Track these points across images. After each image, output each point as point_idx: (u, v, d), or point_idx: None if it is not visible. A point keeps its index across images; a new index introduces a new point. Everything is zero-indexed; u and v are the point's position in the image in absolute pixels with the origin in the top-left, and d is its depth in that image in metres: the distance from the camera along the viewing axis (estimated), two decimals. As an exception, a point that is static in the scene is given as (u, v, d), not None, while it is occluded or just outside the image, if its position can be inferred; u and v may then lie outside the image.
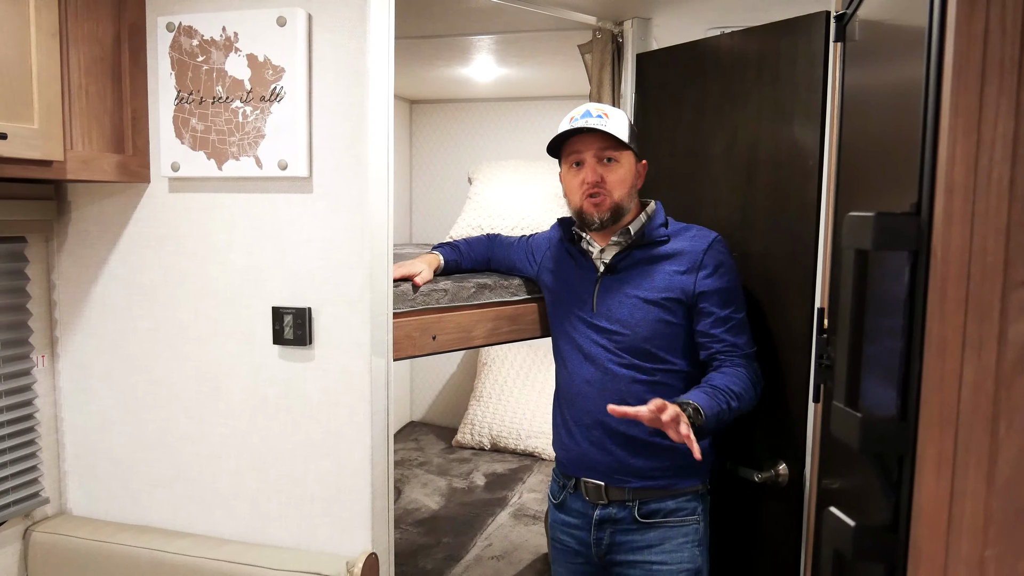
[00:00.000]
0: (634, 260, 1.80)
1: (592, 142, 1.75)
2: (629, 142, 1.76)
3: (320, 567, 1.68)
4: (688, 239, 1.79)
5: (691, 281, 1.75)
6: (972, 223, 0.60)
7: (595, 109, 1.77)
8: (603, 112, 1.76)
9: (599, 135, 1.74)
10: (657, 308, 1.75)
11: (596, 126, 1.72)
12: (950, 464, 0.62)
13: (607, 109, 1.78)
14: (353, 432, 1.72)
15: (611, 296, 1.79)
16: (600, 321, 1.80)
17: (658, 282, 1.76)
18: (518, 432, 3.52)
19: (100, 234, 1.86)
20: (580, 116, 1.76)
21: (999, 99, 0.59)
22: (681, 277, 1.76)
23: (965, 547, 0.62)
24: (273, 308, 1.73)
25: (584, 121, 1.74)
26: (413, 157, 3.88)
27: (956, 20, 0.59)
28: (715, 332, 1.74)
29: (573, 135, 1.77)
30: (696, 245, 1.78)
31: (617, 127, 1.74)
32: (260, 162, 1.69)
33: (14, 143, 1.44)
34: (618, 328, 1.77)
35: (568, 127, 1.76)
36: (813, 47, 1.75)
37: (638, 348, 1.76)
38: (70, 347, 1.91)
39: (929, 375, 0.63)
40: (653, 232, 1.80)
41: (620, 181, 1.77)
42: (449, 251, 2.07)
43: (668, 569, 1.76)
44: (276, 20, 1.64)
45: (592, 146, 1.75)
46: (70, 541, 1.84)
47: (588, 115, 1.76)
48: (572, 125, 1.76)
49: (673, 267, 1.77)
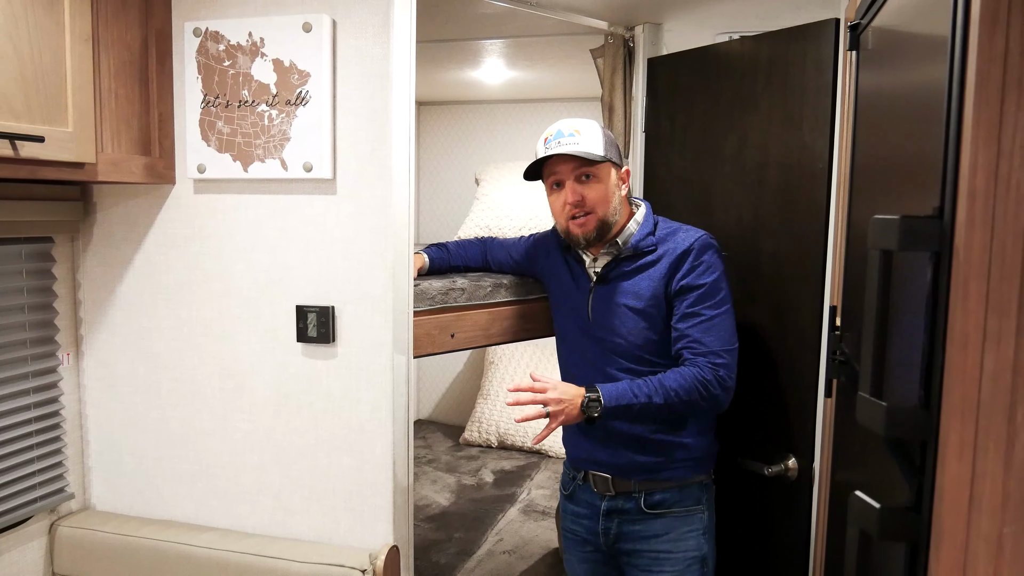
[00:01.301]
0: (622, 271, 1.83)
1: (568, 162, 1.77)
2: (605, 154, 1.76)
3: (343, 559, 1.72)
4: (673, 242, 1.80)
5: (671, 283, 1.77)
6: (992, 226, 0.66)
7: (567, 127, 1.78)
8: (575, 130, 1.77)
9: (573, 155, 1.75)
10: (644, 317, 1.78)
11: (568, 150, 1.74)
12: (971, 448, 0.67)
13: (579, 125, 1.79)
14: (375, 427, 1.76)
15: (604, 305, 1.83)
16: (596, 331, 1.84)
17: (643, 290, 1.79)
18: (525, 430, 3.56)
19: (125, 234, 1.90)
20: (553, 137, 1.78)
21: (1018, 112, 0.64)
22: (661, 281, 1.78)
23: (985, 525, 0.68)
24: (297, 307, 1.77)
25: (557, 143, 1.76)
26: (420, 159, 3.92)
27: (979, 40, 0.64)
28: (681, 327, 1.75)
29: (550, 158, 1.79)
30: (679, 246, 1.78)
31: (590, 144, 1.75)
32: (285, 164, 1.73)
33: (50, 146, 1.48)
34: (612, 337, 1.81)
35: (543, 152, 1.78)
36: (822, 53, 1.80)
37: (634, 355, 1.80)
38: (95, 345, 1.95)
39: (952, 366, 0.68)
40: (641, 242, 1.82)
41: (601, 198, 1.77)
42: (436, 251, 2.10)
43: (674, 557, 1.81)
44: (302, 26, 1.68)
45: (568, 167, 1.77)
46: (95, 535, 1.88)
47: (560, 134, 1.77)
48: (546, 149, 1.77)
49: (657, 274, 1.79)
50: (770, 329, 1.92)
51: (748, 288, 1.92)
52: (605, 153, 1.77)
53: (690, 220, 1.92)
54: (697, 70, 2.18)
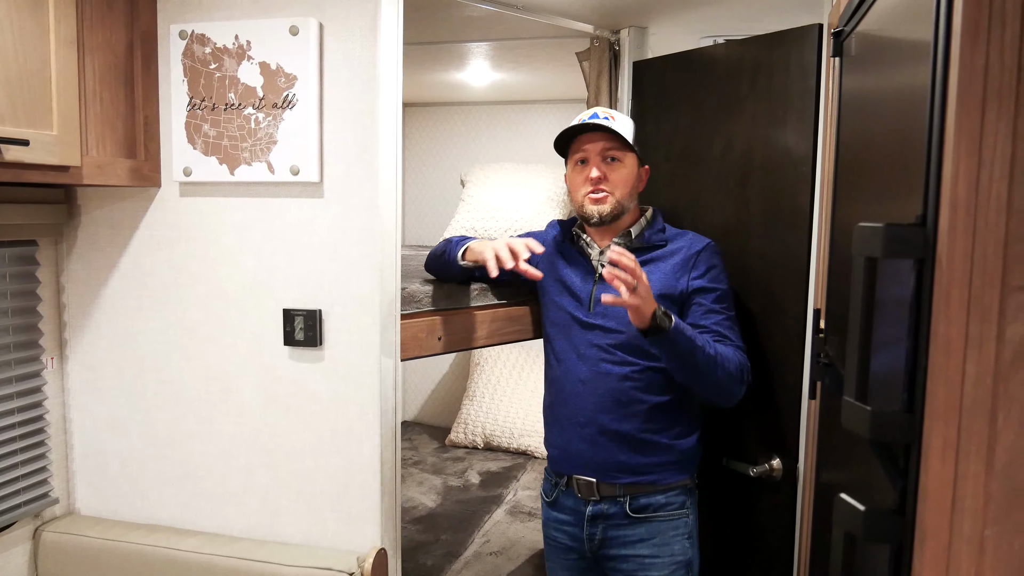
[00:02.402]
0: None
1: (597, 141, 1.84)
2: (634, 145, 1.85)
3: (331, 562, 1.72)
4: (683, 242, 1.88)
5: (684, 280, 1.82)
6: (974, 234, 0.67)
7: (603, 112, 1.86)
8: (610, 115, 1.85)
9: (605, 135, 1.82)
10: None
11: (602, 123, 1.81)
12: (954, 451, 0.69)
13: (614, 113, 1.87)
14: (363, 429, 1.76)
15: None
16: (596, 320, 1.85)
17: (654, 283, 1.82)
18: (511, 431, 3.57)
19: (110, 237, 1.89)
20: (588, 117, 1.85)
21: (998, 124, 0.66)
22: (675, 277, 1.82)
23: (967, 526, 0.69)
24: (284, 310, 1.77)
25: (591, 121, 1.83)
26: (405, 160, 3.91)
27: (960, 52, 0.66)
28: (705, 323, 1.79)
29: (579, 134, 1.85)
30: (691, 247, 1.86)
31: (623, 128, 1.83)
32: (272, 167, 1.73)
33: (35, 149, 1.47)
34: (614, 326, 1.82)
35: (576, 123, 1.85)
36: (805, 58, 1.83)
37: (632, 346, 1.81)
38: (79, 348, 1.94)
39: (935, 371, 0.70)
40: (653, 236, 1.88)
41: (623, 180, 1.84)
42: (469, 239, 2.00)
43: (660, 562, 1.82)
44: (289, 29, 1.68)
45: (598, 145, 1.84)
46: (80, 540, 1.86)
47: (595, 116, 1.85)
48: (580, 123, 1.84)
49: (668, 268, 1.84)
50: (755, 331, 1.94)
51: (734, 289, 1.93)
52: (634, 143, 1.85)
53: (675, 223, 1.95)
54: (682, 73, 2.20)
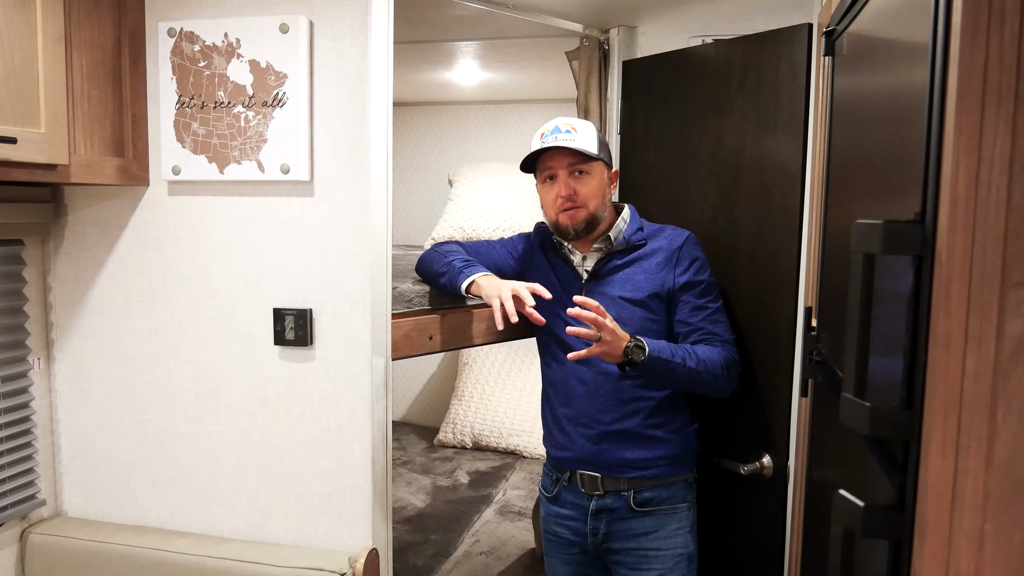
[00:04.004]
0: (615, 265, 1.88)
1: (563, 157, 1.82)
2: (598, 153, 1.83)
3: (322, 563, 1.71)
4: (664, 238, 1.88)
5: (669, 276, 1.83)
6: (973, 231, 0.68)
7: (564, 124, 1.84)
8: (571, 127, 1.83)
9: (569, 150, 1.80)
10: (643, 308, 1.83)
11: (565, 143, 1.79)
12: (954, 447, 0.70)
13: (575, 123, 1.85)
14: (354, 430, 1.76)
15: (598, 300, 1.84)
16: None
17: (641, 282, 1.84)
18: (500, 430, 3.57)
19: (98, 237, 1.87)
20: (550, 132, 1.83)
21: (997, 122, 0.67)
22: (660, 274, 1.84)
23: (967, 521, 0.70)
24: (274, 309, 1.76)
25: (554, 138, 1.81)
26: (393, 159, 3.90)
27: (960, 50, 0.66)
28: (692, 320, 1.82)
29: (544, 152, 1.83)
30: (671, 243, 1.87)
31: (585, 141, 1.81)
32: (262, 166, 1.72)
33: (23, 147, 1.46)
34: None
35: (539, 145, 1.83)
36: (795, 58, 1.83)
37: None
38: (67, 349, 1.92)
39: (935, 367, 0.70)
40: (633, 236, 1.89)
41: (592, 193, 1.84)
42: (478, 269, 1.94)
43: (663, 555, 1.83)
44: (279, 27, 1.67)
45: (563, 161, 1.82)
46: (68, 542, 1.85)
47: (557, 131, 1.82)
48: (543, 143, 1.82)
49: (652, 266, 1.85)
50: (745, 329, 1.94)
51: (723, 288, 1.94)
52: (599, 152, 1.83)
53: (666, 221, 1.96)
54: (672, 73, 2.20)
